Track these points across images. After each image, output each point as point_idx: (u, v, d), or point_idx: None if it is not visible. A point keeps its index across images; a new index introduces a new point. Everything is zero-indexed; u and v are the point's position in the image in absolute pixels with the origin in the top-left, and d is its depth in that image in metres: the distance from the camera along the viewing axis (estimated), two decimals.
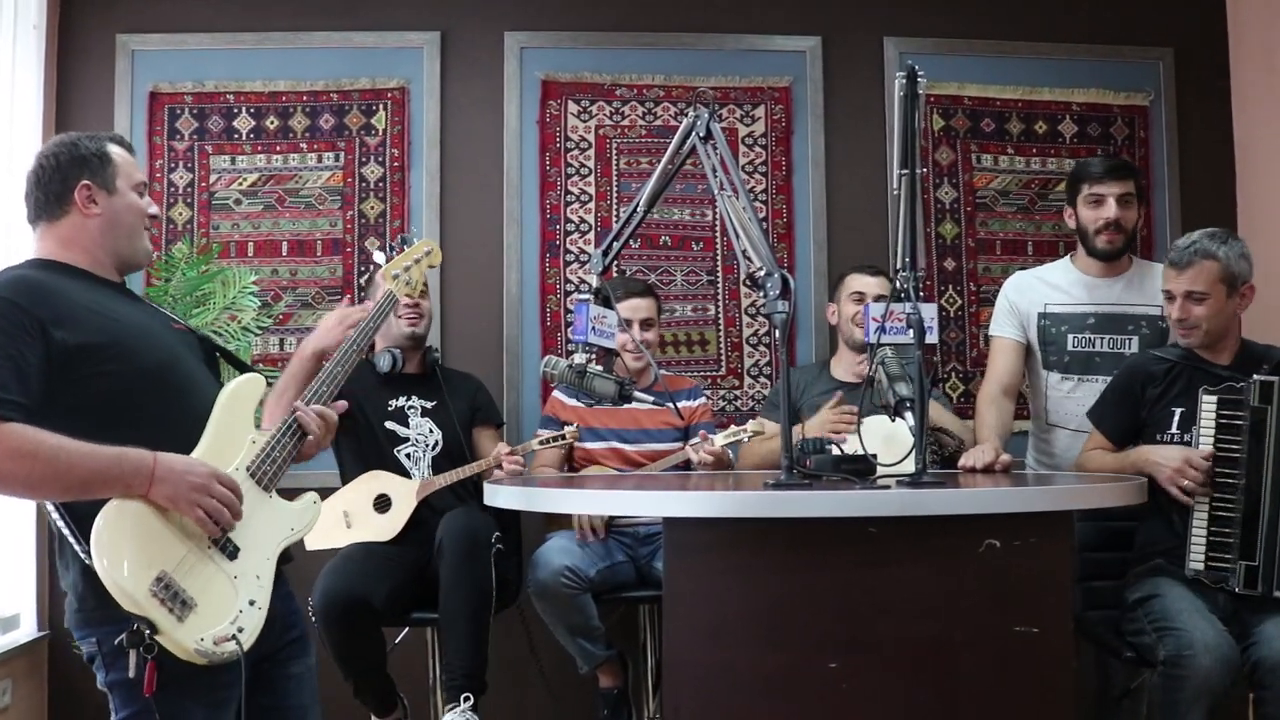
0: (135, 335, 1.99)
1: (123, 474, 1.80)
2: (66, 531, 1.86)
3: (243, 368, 2.27)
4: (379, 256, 2.93)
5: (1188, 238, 2.79)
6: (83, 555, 1.83)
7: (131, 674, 1.79)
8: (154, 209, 2.12)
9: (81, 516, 1.82)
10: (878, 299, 3.28)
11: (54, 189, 2.00)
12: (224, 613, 1.85)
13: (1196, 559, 2.59)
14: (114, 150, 2.06)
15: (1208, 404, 2.61)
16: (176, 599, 1.79)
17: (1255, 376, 2.59)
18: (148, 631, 1.76)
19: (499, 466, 3.07)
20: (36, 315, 1.85)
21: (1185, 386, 2.73)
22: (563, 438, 3.17)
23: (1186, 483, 2.59)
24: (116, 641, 1.80)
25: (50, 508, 1.88)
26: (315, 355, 2.29)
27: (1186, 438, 2.66)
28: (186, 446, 1.92)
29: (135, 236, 2.08)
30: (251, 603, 1.90)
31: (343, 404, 2.17)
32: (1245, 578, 2.53)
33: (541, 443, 3.16)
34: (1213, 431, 2.60)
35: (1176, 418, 2.73)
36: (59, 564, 1.96)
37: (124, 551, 1.78)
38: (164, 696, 1.81)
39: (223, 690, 1.88)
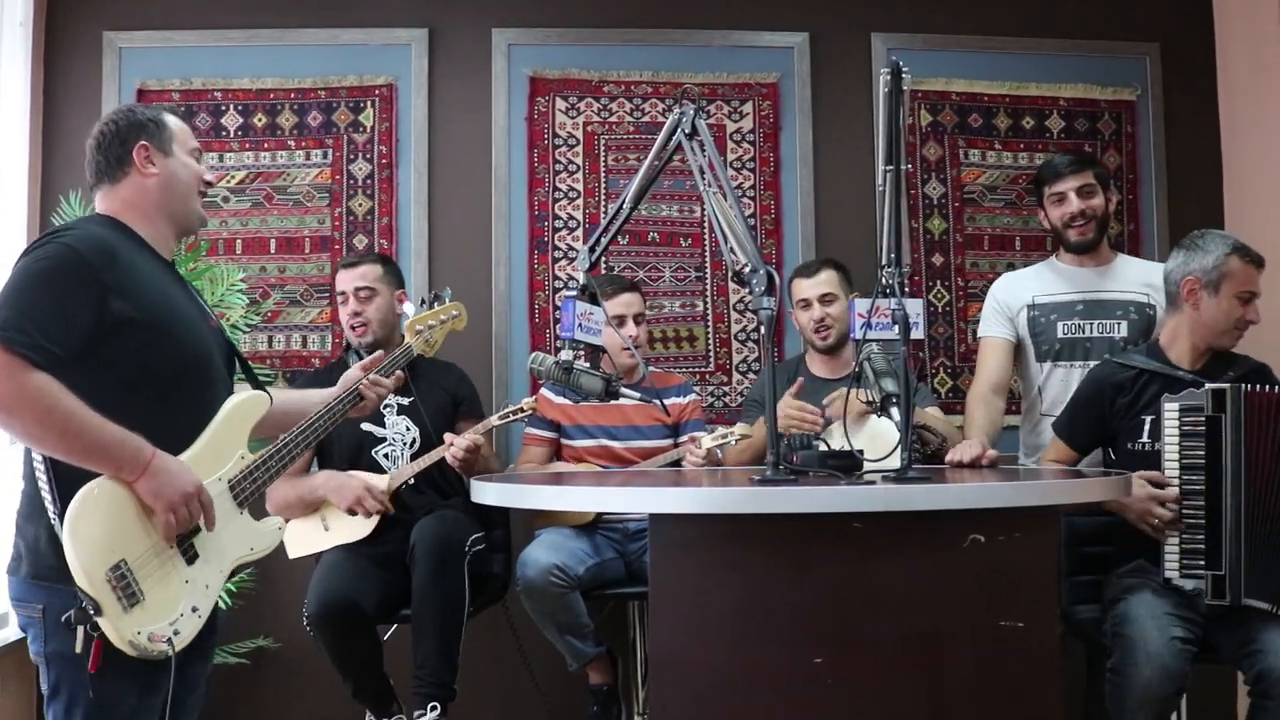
0: (183, 323, 2.07)
1: (120, 456, 1.87)
2: (46, 490, 1.90)
3: (255, 382, 2.30)
4: (408, 307, 2.96)
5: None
6: (53, 518, 1.87)
7: (78, 649, 1.85)
8: (210, 175, 2.23)
9: (65, 479, 1.88)
10: (823, 297, 3.24)
11: (114, 152, 2.10)
12: (167, 613, 1.92)
13: (1171, 567, 2.59)
14: (169, 119, 2.18)
15: (1169, 411, 2.61)
16: (128, 590, 1.85)
17: (1207, 385, 2.60)
18: (91, 612, 1.82)
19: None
20: (102, 279, 1.92)
21: (1155, 394, 2.71)
22: (521, 410, 3.17)
23: (1155, 520, 2.60)
24: (64, 618, 1.84)
25: (37, 463, 1.92)
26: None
27: (1158, 446, 2.65)
28: (187, 442, 2.00)
29: (190, 198, 2.18)
30: (194, 609, 1.97)
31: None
32: (1213, 588, 2.54)
33: (500, 417, 3.16)
34: (1177, 438, 2.60)
35: (1147, 426, 2.72)
36: (21, 521, 1.99)
37: (94, 530, 1.85)
38: (99, 674, 1.87)
39: (156, 674, 1.93)
